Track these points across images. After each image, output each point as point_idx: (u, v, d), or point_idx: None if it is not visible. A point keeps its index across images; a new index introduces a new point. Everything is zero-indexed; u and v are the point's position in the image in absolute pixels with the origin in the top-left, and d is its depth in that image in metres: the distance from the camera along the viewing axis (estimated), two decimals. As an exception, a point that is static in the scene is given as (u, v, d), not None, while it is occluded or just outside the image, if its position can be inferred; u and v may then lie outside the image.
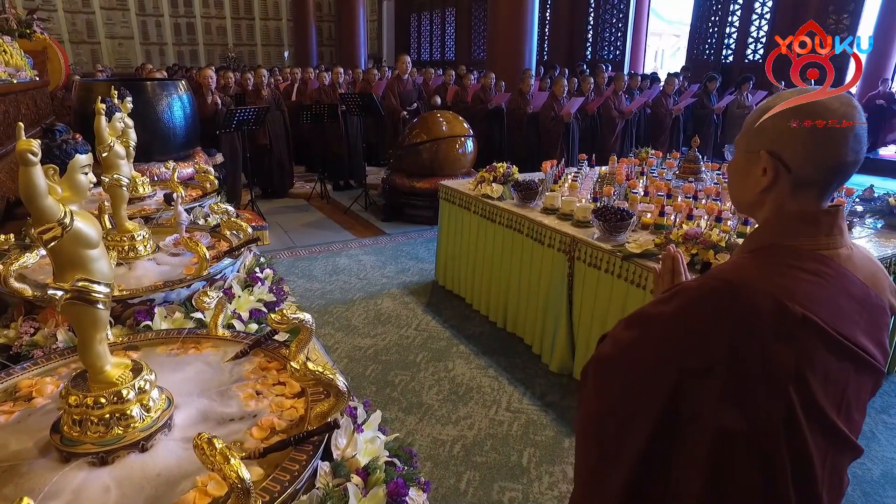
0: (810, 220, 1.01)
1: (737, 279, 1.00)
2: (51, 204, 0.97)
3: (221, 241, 2.39)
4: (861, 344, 1.00)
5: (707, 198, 3.45)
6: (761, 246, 1.05)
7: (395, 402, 3.01)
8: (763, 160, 1.01)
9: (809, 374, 0.95)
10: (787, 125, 0.99)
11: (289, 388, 1.37)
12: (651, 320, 1.09)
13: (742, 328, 0.96)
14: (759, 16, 10.89)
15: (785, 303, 0.94)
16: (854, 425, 1.03)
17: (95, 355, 1.13)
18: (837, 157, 0.96)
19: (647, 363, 1.08)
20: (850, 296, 1.00)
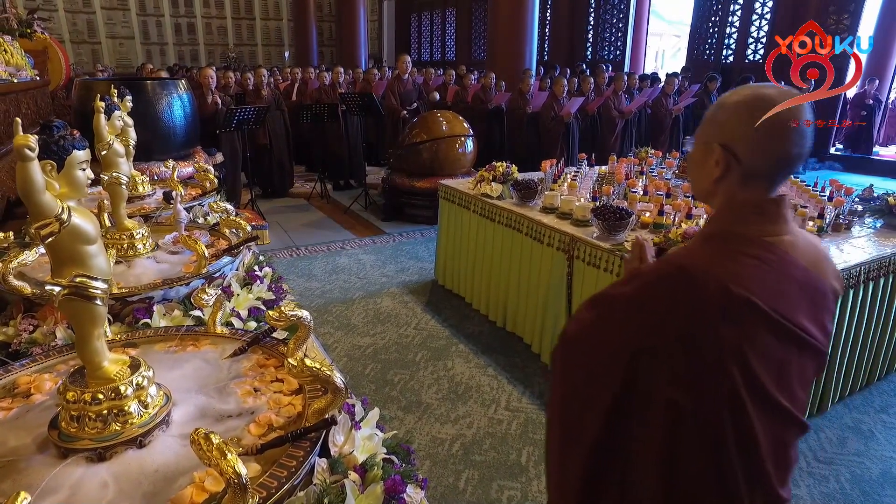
0: (758, 209, 1.07)
1: (688, 264, 1.06)
2: (48, 200, 0.97)
3: (220, 240, 2.40)
4: (802, 325, 1.05)
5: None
6: (713, 233, 1.12)
7: (394, 401, 3.01)
8: (716, 152, 1.07)
9: (751, 353, 1.01)
10: (738, 120, 1.05)
11: (287, 384, 1.37)
12: (611, 302, 1.16)
13: (691, 310, 1.02)
14: (760, 16, 10.88)
15: (730, 287, 0.99)
16: (797, 402, 1.09)
17: (93, 351, 1.13)
18: (784, 150, 1.04)
19: (606, 343, 1.14)
20: (793, 280, 1.06)
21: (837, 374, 2.89)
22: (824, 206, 3.23)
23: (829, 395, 2.90)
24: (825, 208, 3.18)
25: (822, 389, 2.87)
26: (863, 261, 2.74)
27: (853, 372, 3.00)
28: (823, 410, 2.92)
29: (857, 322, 2.85)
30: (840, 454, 2.65)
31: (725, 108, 1.09)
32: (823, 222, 3.10)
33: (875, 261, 2.79)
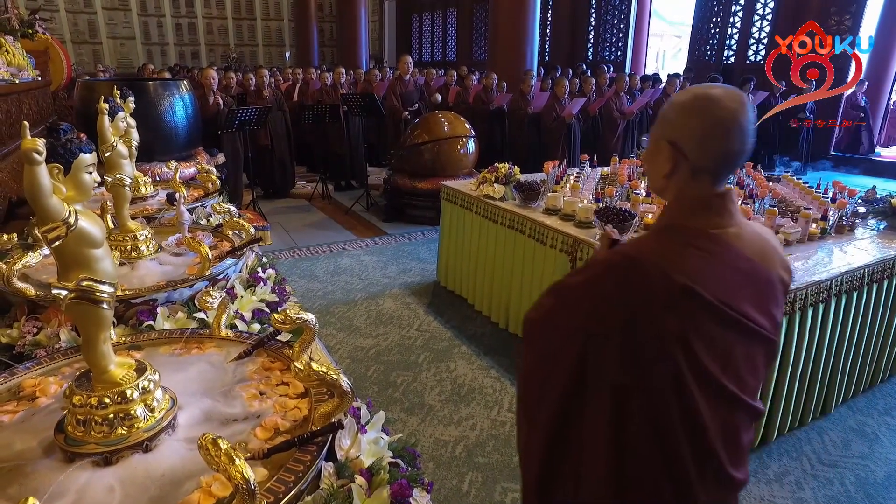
0: (703, 203, 1.12)
1: (635, 255, 1.13)
2: (55, 203, 0.96)
3: (224, 241, 2.39)
4: (747, 314, 1.10)
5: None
6: (663, 225, 1.18)
7: (397, 403, 3.00)
8: (665, 149, 1.13)
9: (694, 338, 1.06)
10: (684, 117, 1.11)
11: (292, 388, 1.37)
12: (565, 289, 1.23)
13: (635, 298, 1.08)
14: (761, 17, 10.87)
15: (673, 276, 1.05)
16: (746, 387, 1.14)
17: (100, 355, 1.13)
18: (726, 147, 1.09)
19: (560, 328, 1.21)
20: (737, 270, 1.11)
21: (841, 377, 2.88)
22: (827, 207, 3.23)
23: (833, 398, 2.89)
24: (828, 210, 3.18)
25: (826, 392, 2.86)
26: (866, 263, 2.74)
27: (857, 374, 3.00)
28: (827, 413, 2.92)
29: (860, 324, 2.84)
30: (844, 457, 2.64)
31: (674, 107, 1.14)
32: (827, 224, 3.09)
33: (878, 263, 2.79)
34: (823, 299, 2.55)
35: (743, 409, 1.15)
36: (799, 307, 2.46)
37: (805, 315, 2.50)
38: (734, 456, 1.16)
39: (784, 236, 2.92)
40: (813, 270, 2.61)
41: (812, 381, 2.73)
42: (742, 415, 1.16)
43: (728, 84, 1.26)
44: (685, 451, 1.10)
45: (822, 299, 2.54)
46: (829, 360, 2.76)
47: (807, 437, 2.76)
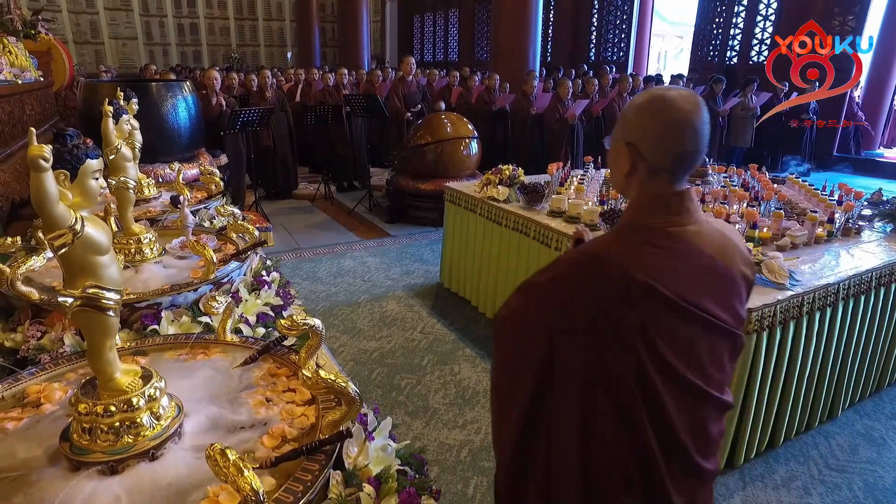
0: (662, 201, 1.15)
1: (596, 252, 1.19)
2: (62, 210, 0.95)
3: (228, 244, 2.38)
4: (707, 308, 1.13)
5: (714, 201, 3.43)
6: (624, 224, 1.21)
7: (401, 406, 2.99)
8: (624, 150, 1.16)
9: (655, 333, 1.09)
10: (640, 119, 1.14)
11: (299, 395, 1.35)
12: (532, 287, 1.26)
13: (597, 294, 1.12)
14: (764, 17, 10.84)
15: (632, 272, 1.09)
16: (710, 380, 1.16)
17: (105, 362, 1.12)
18: (680, 147, 1.11)
19: (528, 324, 1.25)
20: (696, 266, 1.14)
21: (848, 381, 2.86)
22: (834, 210, 3.21)
23: (840, 402, 2.88)
24: (835, 213, 3.16)
25: (833, 396, 2.84)
26: (874, 266, 2.72)
27: (864, 378, 2.98)
28: (834, 417, 2.90)
29: (867, 328, 2.82)
30: (852, 462, 2.62)
31: (632, 109, 1.16)
32: (833, 227, 3.08)
33: (886, 266, 2.77)
34: (831, 303, 2.54)
35: (710, 401, 1.18)
36: (806, 311, 2.44)
37: (812, 319, 2.49)
38: (703, 447, 1.19)
39: (790, 239, 2.90)
40: (820, 274, 2.59)
41: (819, 385, 2.71)
42: (709, 407, 1.19)
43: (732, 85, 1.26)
44: (653, 441, 1.13)
45: (829, 303, 2.53)
46: (836, 363, 2.74)
47: (814, 441, 2.75)
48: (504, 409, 1.30)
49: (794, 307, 2.39)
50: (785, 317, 2.36)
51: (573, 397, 1.16)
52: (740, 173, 4.25)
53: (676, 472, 1.17)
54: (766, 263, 2.47)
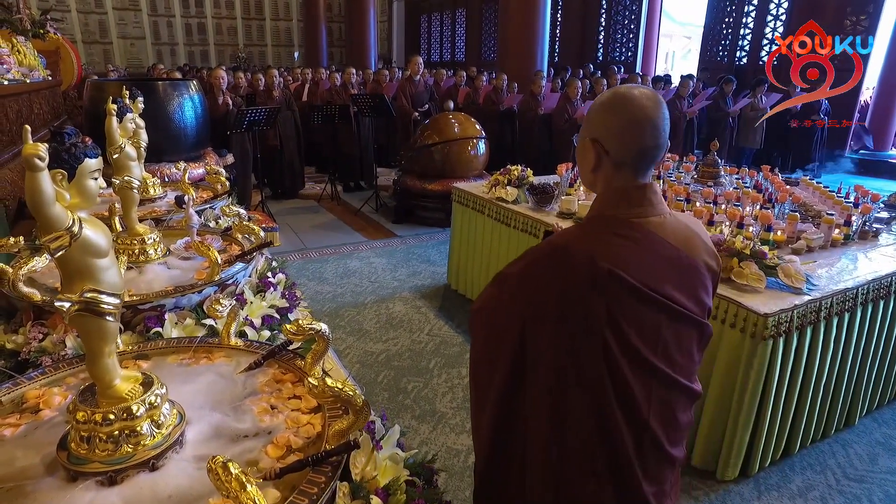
0: (626, 194, 1.19)
1: (563, 243, 1.21)
2: (58, 211, 0.91)
3: (233, 245, 2.34)
4: (670, 296, 1.17)
5: (727, 203, 3.37)
6: (591, 216, 1.26)
7: (408, 410, 2.94)
8: (590, 145, 1.20)
9: (621, 319, 1.13)
10: (603, 116, 1.18)
11: (305, 402, 1.31)
12: (505, 278, 1.30)
13: (565, 283, 1.16)
14: (774, 17, 10.73)
15: (597, 261, 1.12)
16: (677, 366, 1.20)
17: (104, 369, 1.08)
18: (640, 142, 1.15)
19: (501, 314, 1.29)
20: (659, 256, 1.18)
21: (866, 387, 2.80)
22: (851, 212, 3.14)
23: (857, 409, 2.81)
24: (851, 215, 3.09)
25: (850, 402, 2.78)
26: (893, 271, 2.65)
27: (882, 384, 2.91)
28: (851, 424, 2.83)
29: (886, 333, 2.76)
30: (871, 472, 2.55)
31: (596, 107, 1.21)
32: (850, 230, 3.01)
33: (905, 270, 2.70)
34: (849, 308, 2.47)
35: (678, 389, 1.22)
36: (824, 316, 2.38)
37: (830, 324, 2.42)
38: (671, 434, 1.23)
39: (806, 242, 2.83)
40: (838, 278, 2.52)
41: (836, 392, 2.64)
42: (678, 395, 1.23)
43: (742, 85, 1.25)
44: (621, 425, 1.17)
45: (847, 308, 2.46)
46: (854, 370, 2.68)
47: (831, 449, 2.68)
48: (481, 401, 1.34)
49: (811, 312, 2.33)
50: (802, 322, 2.30)
51: (545, 387, 1.20)
52: (752, 175, 4.18)
53: (646, 457, 1.20)
54: (783, 267, 2.41)
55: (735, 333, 2.31)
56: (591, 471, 1.20)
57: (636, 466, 1.19)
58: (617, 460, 1.19)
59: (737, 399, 2.33)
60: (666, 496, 1.28)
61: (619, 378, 1.15)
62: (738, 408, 2.32)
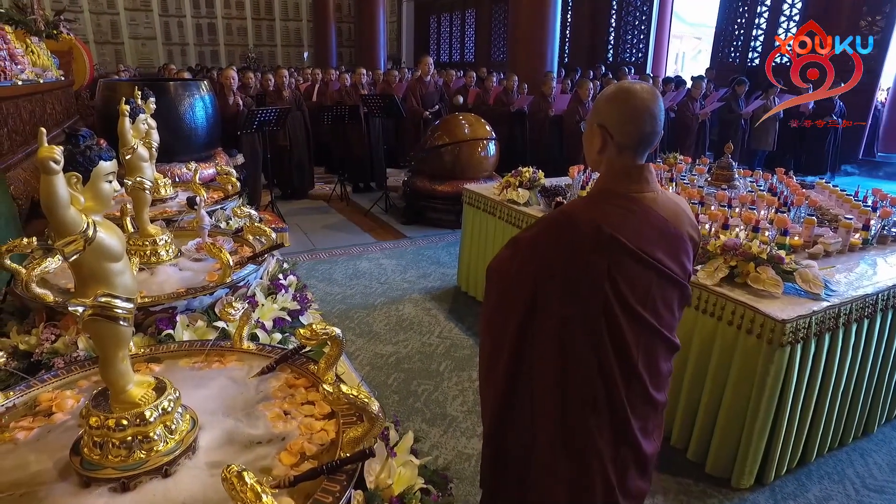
0: (626, 172, 1.42)
1: (570, 211, 1.46)
2: (73, 215, 0.90)
3: (244, 247, 2.33)
4: (659, 259, 1.38)
5: (742, 206, 3.32)
6: (595, 190, 1.48)
7: (418, 413, 2.92)
8: (597, 130, 1.42)
9: (618, 276, 1.35)
10: (609, 106, 1.41)
11: (318, 408, 1.29)
12: (519, 242, 1.52)
13: (571, 244, 1.38)
14: (788, 18, 10.62)
15: (600, 226, 1.34)
16: (662, 320, 1.43)
17: (117, 374, 1.07)
18: (640, 128, 1.37)
19: (516, 271, 1.49)
20: (651, 225, 1.39)
21: (885, 395, 2.75)
22: (869, 216, 3.09)
23: (876, 417, 2.76)
24: (870, 220, 3.04)
25: (869, 410, 2.73)
26: (913, 276, 2.60)
27: (900, 392, 2.86)
28: (870, 432, 2.78)
29: (905, 339, 2.71)
30: (891, 481, 2.50)
31: (603, 98, 1.43)
32: (869, 234, 2.96)
33: (925, 276, 2.65)
34: (869, 314, 2.43)
35: (661, 339, 1.44)
36: (843, 322, 2.34)
37: (849, 330, 2.38)
38: (655, 379, 1.47)
39: (823, 247, 2.79)
40: (857, 284, 2.48)
41: (854, 400, 2.60)
42: (661, 345, 1.45)
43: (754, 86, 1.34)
44: (615, 366, 1.40)
45: (867, 314, 2.42)
46: (873, 377, 2.63)
47: (849, 458, 2.63)
48: (496, 349, 1.55)
49: (829, 318, 2.28)
50: (820, 328, 2.26)
51: (553, 329, 1.42)
52: (767, 177, 4.12)
53: (634, 399, 1.44)
54: (801, 273, 2.37)
55: (751, 339, 2.27)
56: (590, 404, 1.43)
57: (626, 403, 1.42)
58: (610, 396, 1.42)
59: (752, 406, 2.29)
60: (649, 434, 1.52)
61: (615, 326, 1.37)
62: (753, 415, 2.29)
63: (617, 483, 1.48)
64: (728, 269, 2.45)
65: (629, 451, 1.48)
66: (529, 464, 1.54)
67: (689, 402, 2.55)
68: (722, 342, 2.39)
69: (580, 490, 1.48)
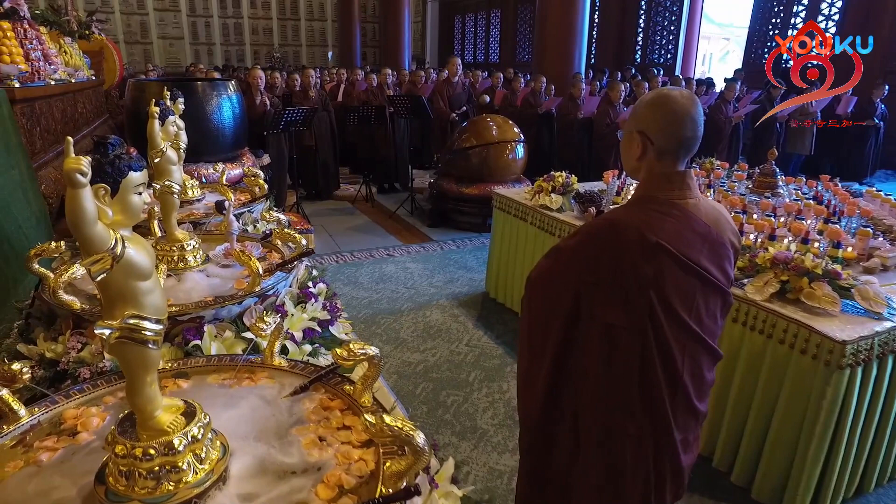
0: (667, 178, 1.41)
1: (614, 219, 1.45)
2: (100, 231, 0.82)
3: (272, 252, 2.27)
4: (703, 265, 1.39)
5: (788, 215, 3.16)
6: (637, 197, 1.48)
7: (447, 426, 2.83)
8: (636, 137, 1.41)
9: (664, 282, 1.35)
10: (649, 112, 1.41)
11: (355, 434, 1.21)
12: (561, 251, 1.53)
13: (618, 252, 1.38)
14: (826, 17, 10.29)
15: (645, 233, 1.34)
16: (705, 328, 1.42)
17: (145, 399, 0.99)
18: (681, 134, 1.38)
19: (559, 282, 1.51)
20: (694, 231, 1.39)
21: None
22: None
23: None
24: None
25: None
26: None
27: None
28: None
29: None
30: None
31: (642, 104, 1.44)
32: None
33: None
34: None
35: (704, 347, 1.44)
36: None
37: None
38: (698, 389, 1.46)
39: (880, 260, 2.62)
40: (920, 302, 2.31)
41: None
42: (704, 353, 1.45)
43: None
44: (660, 374, 1.39)
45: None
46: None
47: (909, 488, 2.47)
48: (537, 359, 1.56)
49: (893, 339, 2.13)
50: (883, 350, 2.11)
51: (597, 338, 1.42)
52: (812, 184, 3.94)
53: (677, 408, 1.43)
54: (860, 289, 2.22)
55: (805, 360, 2.13)
56: (633, 414, 1.43)
57: (669, 412, 1.42)
58: (654, 405, 1.41)
59: (806, 430, 2.15)
60: (689, 446, 1.51)
61: (660, 332, 1.37)
62: (807, 440, 2.14)
63: (655, 496, 1.50)
64: (779, 284, 2.31)
65: (668, 463, 1.48)
66: (570, 480, 1.55)
67: (734, 422, 2.41)
68: (772, 361, 2.25)
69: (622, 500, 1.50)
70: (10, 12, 3.46)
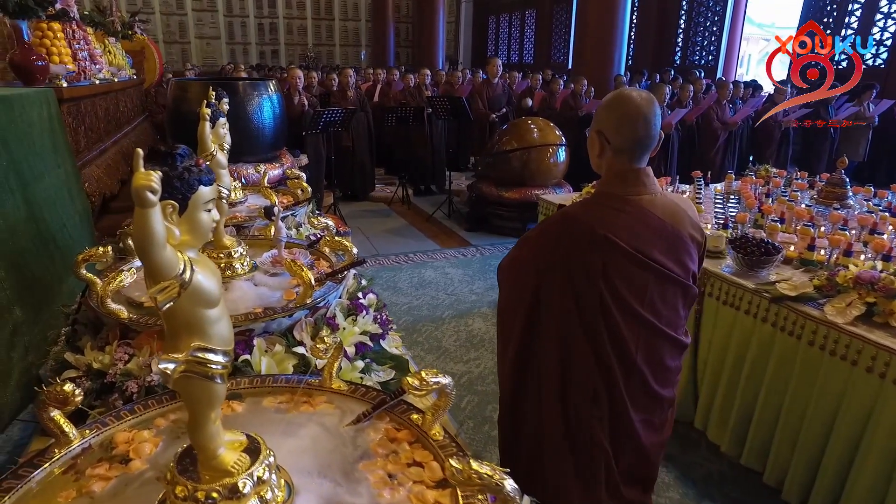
0: (623, 175, 1.49)
1: (570, 213, 1.56)
2: (169, 255, 0.72)
3: (321, 260, 2.18)
4: (656, 259, 1.45)
5: (862, 229, 2.94)
6: (595, 193, 1.58)
7: (495, 443, 2.69)
8: (595, 136, 1.51)
9: (614, 274, 1.44)
10: (606, 113, 1.49)
11: (428, 471, 1.09)
12: (525, 240, 1.64)
13: (570, 243, 1.49)
14: (885, 15, 9.77)
15: (595, 227, 1.44)
16: (662, 318, 1.50)
17: (208, 437, 0.89)
18: (635, 133, 1.44)
19: (522, 269, 1.62)
20: (647, 226, 1.46)
21: None
22: None
23: None
24: None
25: None
26: None
27: None
28: None
29: None
30: None
31: (601, 105, 1.52)
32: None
33: None
34: None
35: (662, 336, 1.52)
36: None
37: None
38: (659, 375, 1.55)
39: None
40: None
41: None
42: (664, 342, 1.53)
43: None
44: (613, 360, 1.49)
45: None
46: None
47: None
48: (505, 342, 1.68)
49: None
50: None
51: (554, 324, 1.52)
52: (883, 195, 3.70)
53: (634, 392, 1.53)
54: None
55: (898, 391, 1.95)
56: (591, 397, 1.53)
57: (625, 396, 1.52)
58: (610, 388, 1.51)
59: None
60: (654, 428, 1.61)
61: (612, 322, 1.46)
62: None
63: (619, 472, 1.60)
64: (864, 307, 2.12)
65: (629, 442, 1.58)
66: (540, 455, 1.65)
67: (809, 458, 2.24)
68: (856, 391, 2.07)
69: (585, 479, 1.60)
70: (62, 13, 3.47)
